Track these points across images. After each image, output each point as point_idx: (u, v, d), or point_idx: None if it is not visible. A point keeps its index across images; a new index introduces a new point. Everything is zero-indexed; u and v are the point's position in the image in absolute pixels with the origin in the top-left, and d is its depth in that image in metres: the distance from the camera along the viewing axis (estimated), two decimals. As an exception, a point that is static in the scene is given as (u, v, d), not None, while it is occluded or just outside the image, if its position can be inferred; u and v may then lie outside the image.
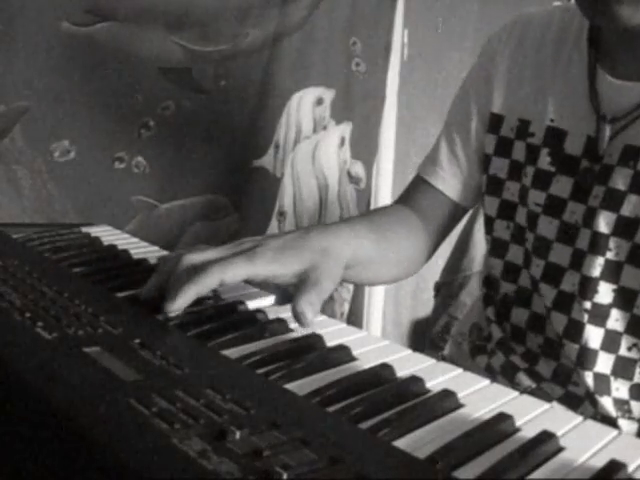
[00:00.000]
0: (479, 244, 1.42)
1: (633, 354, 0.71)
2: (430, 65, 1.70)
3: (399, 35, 1.60)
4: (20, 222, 1.11)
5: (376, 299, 1.73)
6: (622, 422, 0.72)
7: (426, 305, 1.71)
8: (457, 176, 0.85)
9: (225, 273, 0.54)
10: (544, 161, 0.75)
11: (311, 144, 1.49)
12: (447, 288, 1.52)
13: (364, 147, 1.58)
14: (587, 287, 0.72)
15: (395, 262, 0.78)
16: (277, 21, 1.37)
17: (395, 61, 1.61)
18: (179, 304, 0.53)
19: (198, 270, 0.54)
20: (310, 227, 0.67)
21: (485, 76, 0.83)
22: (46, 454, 0.39)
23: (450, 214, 0.86)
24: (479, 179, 0.84)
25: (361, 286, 1.64)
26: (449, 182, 0.85)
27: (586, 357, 0.73)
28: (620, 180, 0.69)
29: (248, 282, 0.58)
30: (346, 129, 1.53)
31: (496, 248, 0.82)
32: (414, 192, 0.87)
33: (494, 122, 0.81)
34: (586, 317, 0.72)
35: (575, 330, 0.73)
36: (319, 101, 1.48)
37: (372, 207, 1.64)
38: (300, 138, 1.47)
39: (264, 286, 0.61)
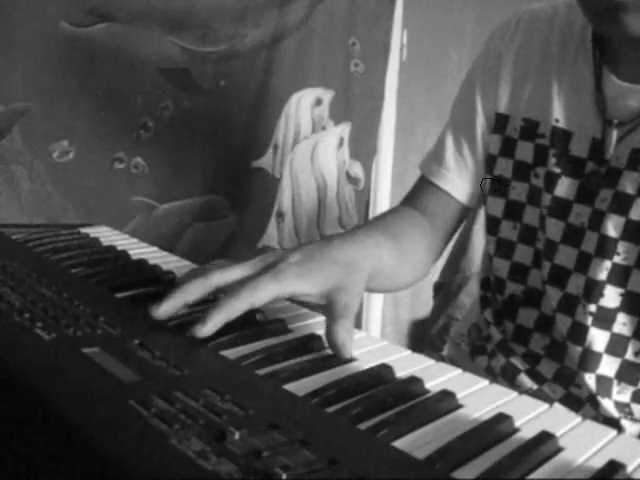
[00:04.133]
0: (478, 245, 1.42)
1: None
2: (429, 66, 1.71)
3: (398, 36, 1.60)
4: (19, 223, 1.11)
5: (375, 300, 1.73)
6: (625, 423, 0.72)
7: (425, 305, 1.71)
8: (465, 177, 0.83)
9: (254, 296, 0.52)
10: (550, 162, 0.74)
11: (310, 145, 1.49)
12: (446, 288, 1.52)
13: (363, 147, 1.58)
14: (592, 290, 0.71)
15: (411, 268, 0.77)
16: (276, 22, 1.37)
17: (394, 61, 1.61)
18: (208, 329, 0.51)
19: (228, 294, 0.52)
20: (332, 236, 0.64)
21: (492, 74, 0.81)
22: (45, 455, 0.39)
23: (457, 215, 0.85)
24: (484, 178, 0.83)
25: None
26: (457, 184, 0.83)
27: (589, 360, 0.72)
28: (629, 184, 0.68)
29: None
30: (345, 129, 1.53)
31: (502, 249, 0.81)
32: (420, 193, 0.85)
33: (499, 122, 0.79)
34: (590, 320, 0.71)
35: (579, 333, 0.72)
36: (318, 102, 1.48)
37: (371, 208, 1.64)
38: (299, 139, 1.47)
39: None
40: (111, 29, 1.19)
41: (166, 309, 0.53)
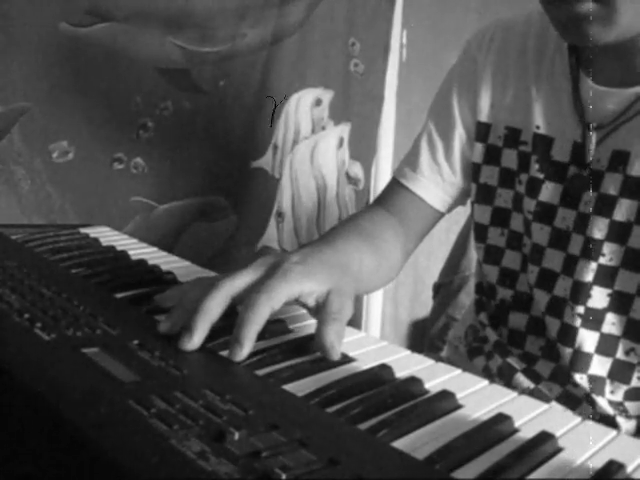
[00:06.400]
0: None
1: (631, 358, 0.71)
2: (429, 66, 1.70)
3: (398, 36, 1.60)
4: (19, 223, 1.11)
5: (375, 300, 1.73)
6: (620, 420, 0.73)
7: (425, 306, 1.71)
8: (438, 184, 0.84)
9: (272, 299, 0.51)
10: (533, 168, 0.75)
11: (310, 145, 1.49)
12: (446, 289, 1.52)
13: (363, 148, 1.58)
14: (580, 292, 0.72)
15: (387, 271, 0.78)
16: (275, 22, 1.37)
17: (394, 62, 1.61)
18: (245, 351, 0.49)
19: (245, 306, 0.51)
20: (315, 242, 0.65)
21: (468, 85, 0.82)
22: (45, 455, 0.39)
23: (430, 220, 0.86)
24: (460, 186, 0.84)
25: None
26: (430, 189, 0.84)
27: (580, 360, 0.73)
28: (611, 185, 0.69)
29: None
30: (345, 130, 1.53)
31: (490, 255, 0.82)
32: (393, 196, 0.86)
33: (481, 131, 0.80)
34: (579, 321, 0.72)
35: (568, 334, 0.73)
36: (318, 102, 1.48)
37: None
38: (299, 139, 1.47)
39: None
40: (111, 29, 1.19)
41: (198, 338, 0.50)
